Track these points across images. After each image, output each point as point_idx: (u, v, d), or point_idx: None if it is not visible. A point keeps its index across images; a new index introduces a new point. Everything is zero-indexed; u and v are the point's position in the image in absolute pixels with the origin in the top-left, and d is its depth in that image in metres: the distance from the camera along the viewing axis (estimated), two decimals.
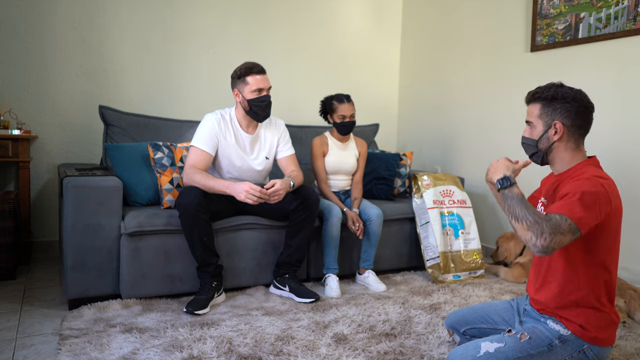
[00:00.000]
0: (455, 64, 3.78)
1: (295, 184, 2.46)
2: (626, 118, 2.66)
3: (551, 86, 1.56)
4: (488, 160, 3.48)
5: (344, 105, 2.84)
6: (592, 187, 1.42)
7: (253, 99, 2.42)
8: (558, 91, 1.54)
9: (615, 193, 1.48)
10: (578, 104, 1.53)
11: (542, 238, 1.37)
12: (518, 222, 1.43)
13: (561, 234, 1.37)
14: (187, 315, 2.19)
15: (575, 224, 1.37)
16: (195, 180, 2.31)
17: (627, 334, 2.09)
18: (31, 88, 3.14)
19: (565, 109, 1.53)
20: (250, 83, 2.41)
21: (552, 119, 1.55)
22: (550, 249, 1.38)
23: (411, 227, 3.04)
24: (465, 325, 1.81)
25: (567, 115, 1.53)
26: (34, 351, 1.85)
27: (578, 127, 1.55)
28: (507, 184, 1.52)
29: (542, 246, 1.37)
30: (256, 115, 2.47)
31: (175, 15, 3.48)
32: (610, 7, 2.71)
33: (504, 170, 1.57)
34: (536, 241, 1.38)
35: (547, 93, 1.55)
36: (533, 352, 1.48)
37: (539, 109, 1.57)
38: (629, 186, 2.65)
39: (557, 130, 1.54)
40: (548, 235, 1.36)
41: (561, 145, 1.56)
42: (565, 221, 1.38)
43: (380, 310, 2.30)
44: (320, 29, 4.01)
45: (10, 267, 2.65)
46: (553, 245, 1.37)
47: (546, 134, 1.57)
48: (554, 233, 1.36)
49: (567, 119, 1.53)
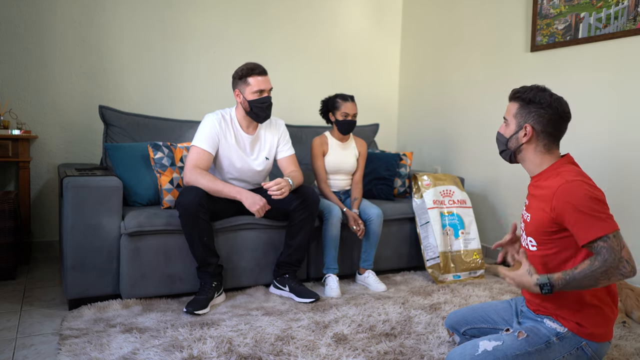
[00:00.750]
0: (455, 64, 3.78)
1: (294, 184, 2.46)
2: (625, 118, 2.66)
3: (533, 88, 1.57)
4: (488, 160, 3.48)
5: (348, 103, 2.85)
6: (586, 191, 1.40)
7: (254, 100, 2.42)
8: (537, 95, 1.54)
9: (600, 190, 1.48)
10: (553, 111, 1.53)
11: (622, 267, 1.35)
12: (597, 283, 1.38)
13: (621, 248, 1.36)
14: (187, 315, 2.19)
15: (616, 230, 1.37)
16: (201, 183, 2.31)
17: (627, 334, 2.09)
18: (31, 88, 3.14)
19: (539, 114, 1.54)
20: (252, 84, 2.41)
21: (524, 120, 1.56)
22: (634, 261, 1.37)
23: (411, 227, 3.04)
24: (465, 326, 1.81)
25: (539, 120, 1.54)
26: (34, 351, 1.85)
27: (548, 134, 1.55)
28: (549, 289, 1.43)
29: (631, 270, 1.36)
30: (256, 117, 2.47)
31: (175, 15, 3.48)
32: (610, 7, 2.71)
33: (531, 283, 1.46)
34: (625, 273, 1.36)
35: (527, 95, 1.56)
36: (531, 350, 1.48)
37: (516, 109, 1.59)
38: (626, 186, 2.65)
39: (526, 133, 1.55)
40: (621, 263, 1.35)
41: (530, 148, 1.58)
42: (612, 238, 1.36)
43: (380, 310, 2.30)
44: (320, 28, 4.01)
45: (10, 267, 2.65)
46: (631, 258, 1.36)
47: (516, 134, 1.58)
48: (619, 259, 1.35)
49: (538, 124, 1.54)
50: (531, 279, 1.46)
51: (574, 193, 1.41)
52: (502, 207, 3.40)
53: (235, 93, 2.48)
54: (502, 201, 3.41)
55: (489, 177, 3.50)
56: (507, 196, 3.36)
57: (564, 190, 1.43)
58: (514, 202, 3.30)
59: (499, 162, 3.39)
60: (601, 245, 1.37)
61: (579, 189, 1.41)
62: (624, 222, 2.66)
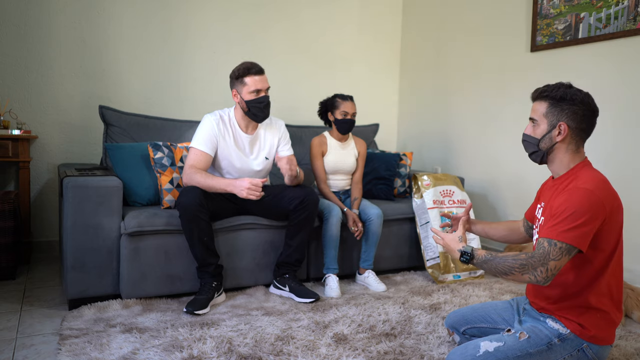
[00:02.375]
0: (455, 64, 3.78)
1: (299, 176, 2.51)
2: (626, 118, 2.66)
3: (560, 86, 1.55)
4: (488, 160, 3.48)
5: (347, 102, 2.85)
6: (582, 199, 1.41)
7: (251, 100, 2.41)
8: (567, 92, 1.53)
9: (610, 194, 1.47)
10: (585, 107, 1.52)
11: (538, 272, 1.41)
12: (509, 274, 1.45)
13: (554, 260, 1.40)
14: (187, 315, 2.19)
15: (568, 245, 1.39)
16: (196, 180, 2.31)
17: (627, 334, 2.09)
18: (31, 88, 3.14)
19: (573, 111, 1.52)
20: (249, 84, 2.40)
21: (557, 119, 1.54)
22: (551, 277, 1.41)
23: (411, 227, 3.04)
24: (465, 325, 1.81)
25: (573, 117, 1.52)
26: (34, 351, 1.85)
27: (582, 131, 1.54)
28: (467, 257, 1.54)
29: (543, 279, 1.41)
30: (255, 117, 2.46)
31: (175, 15, 3.48)
32: (610, 7, 2.71)
33: (455, 247, 1.58)
34: (536, 278, 1.41)
35: (556, 93, 1.54)
36: (532, 351, 1.48)
37: (546, 108, 1.56)
38: (628, 186, 2.65)
39: (561, 131, 1.54)
40: (542, 267, 1.40)
41: (562, 147, 1.56)
42: (555, 246, 1.40)
43: (380, 310, 2.30)
44: (320, 28, 4.00)
45: (10, 267, 2.65)
46: (550, 274, 1.40)
47: (549, 133, 1.56)
48: (545, 263, 1.40)
49: (572, 121, 1.53)
50: (457, 245, 1.57)
51: (573, 197, 1.43)
52: (502, 207, 3.40)
53: (232, 93, 2.47)
54: (502, 201, 3.41)
55: (489, 177, 3.50)
56: (507, 196, 3.36)
57: (569, 193, 1.45)
58: (514, 202, 3.30)
59: (499, 162, 3.39)
60: (543, 245, 1.42)
61: (578, 196, 1.42)
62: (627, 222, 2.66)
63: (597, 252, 1.48)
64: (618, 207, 1.49)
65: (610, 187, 1.50)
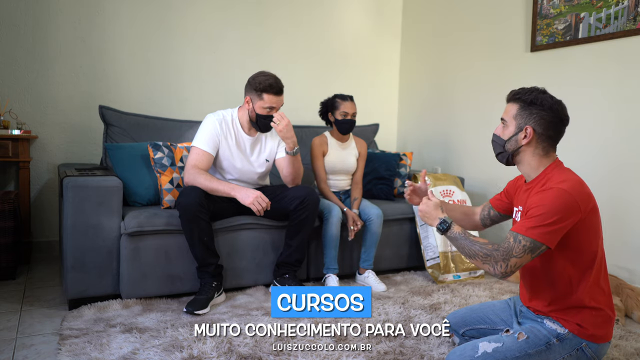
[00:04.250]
0: (455, 64, 3.78)
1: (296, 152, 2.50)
2: (625, 118, 2.66)
3: (534, 90, 1.56)
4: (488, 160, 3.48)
5: (347, 103, 2.85)
6: (555, 199, 1.42)
7: (262, 115, 2.43)
8: (538, 97, 1.53)
9: (585, 195, 1.47)
10: (554, 114, 1.53)
11: (498, 266, 1.44)
12: (472, 258, 1.50)
13: (516, 257, 1.43)
14: (187, 315, 2.19)
15: (535, 241, 1.41)
16: (199, 182, 2.31)
17: (627, 334, 2.09)
18: (31, 88, 3.14)
19: (540, 116, 1.53)
20: (265, 100, 2.41)
21: (525, 122, 1.55)
22: (509, 273, 1.45)
23: (411, 227, 3.04)
24: (464, 327, 1.81)
25: (540, 122, 1.53)
26: (34, 351, 1.85)
27: (548, 137, 1.55)
28: (445, 227, 1.56)
29: (501, 273, 1.45)
30: (259, 128, 2.50)
31: (175, 15, 3.48)
32: (610, 7, 2.71)
33: (436, 215, 1.60)
34: (494, 271, 1.45)
35: (528, 96, 1.55)
36: (531, 352, 1.49)
37: (516, 110, 1.57)
38: (626, 186, 2.65)
39: (527, 135, 1.55)
40: (503, 262, 1.44)
41: (528, 150, 1.57)
42: (519, 243, 1.43)
43: (380, 310, 2.30)
44: (320, 28, 4.00)
45: (10, 267, 2.65)
46: (509, 270, 1.44)
47: (516, 136, 1.57)
48: (506, 259, 1.43)
49: (539, 126, 1.53)
50: (439, 212, 1.59)
51: (546, 196, 1.45)
52: None
53: (245, 98, 2.48)
54: None
55: (489, 177, 3.49)
56: None
57: (543, 192, 1.47)
58: None
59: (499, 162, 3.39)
60: (508, 240, 1.45)
61: (551, 195, 1.44)
62: (622, 223, 2.67)
63: (582, 253, 1.49)
64: (593, 208, 1.50)
65: (586, 188, 1.50)
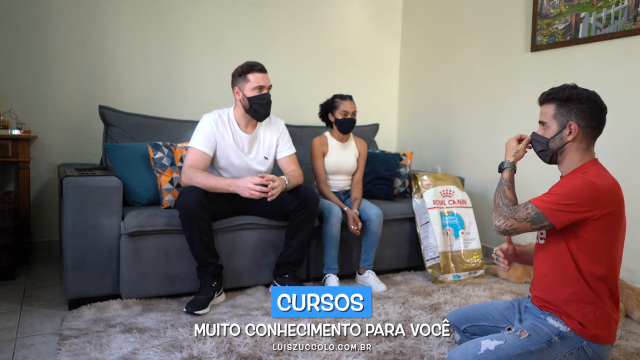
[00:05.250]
0: (456, 63, 3.78)
1: (290, 183, 2.45)
2: (627, 118, 2.66)
3: (565, 87, 1.57)
4: (488, 160, 3.48)
5: (347, 102, 2.85)
6: (580, 186, 1.46)
7: (254, 97, 2.41)
8: (573, 92, 1.55)
9: (613, 195, 1.49)
10: (593, 105, 1.54)
11: (498, 220, 1.55)
12: (494, 207, 1.59)
13: (516, 220, 1.50)
14: (187, 315, 2.19)
15: (541, 214, 1.47)
16: (196, 181, 2.31)
17: (627, 334, 2.09)
18: (31, 88, 3.14)
19: (581, 110, 1.54)
20: (252, 80, 2.41)
21: (567, 119, 1.56)
22: (503, 231, 1.53)
23: (411, 227, 3.04)
24: (465, 323, 1.81)
25: (582, 116, 1.54)
26: (34, 351, 1.85)
27: (593, 128, 1.56)
28: (503, 168, 1.68)
29: (496, 227, 1.55)
30: (256, 114, 2.46)
31: (175, 15, 3.48)
32: (610, 7, 2.71)
33: (510, 152, 1.72)
34: (494, 222, 1.56)
35: (562, 94, 1.56)
36: (533, 349, 1.49)
37: (554, 109, 1.58)
38: (628, 186, 2.64)
39: (571, 130, 1.55)
40: (503, 219, 1.53)
41: (573, 146, 1.57)
42: (526, 209, 1.49)
43: (380, 310, 2.30)
44: (320, 28, 4.00)
45: (10, 267, 2.65)
46: (505, 228, 1.52)
47: (560, 133, 1.57)
48: (507, 217, 1.52)
49: (582, 120, 1.54)
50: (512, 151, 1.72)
51: (573, 181, 1.50)
52: None
53: (234, 91, 2.48)
54: None
55: (489, 177, 3.49)
56: None
57: (572, 178, 1.54)
58: None
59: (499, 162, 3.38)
60: (527, 205, 1.51)
61: (578, 182, 1.49)
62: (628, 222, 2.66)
63: (595, 249, 1.50)
64: (617, 212, 1.51)
65: (618, 190, 1.52)
